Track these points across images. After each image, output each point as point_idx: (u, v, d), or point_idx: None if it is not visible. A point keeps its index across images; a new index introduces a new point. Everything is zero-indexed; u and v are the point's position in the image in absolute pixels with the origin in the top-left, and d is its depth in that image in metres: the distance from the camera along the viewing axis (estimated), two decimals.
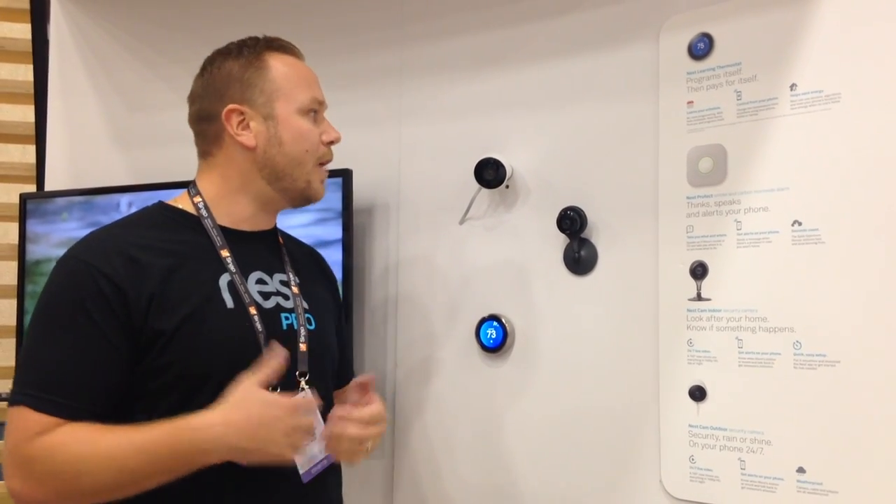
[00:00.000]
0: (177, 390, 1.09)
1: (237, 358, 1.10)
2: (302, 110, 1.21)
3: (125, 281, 1.08)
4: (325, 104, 1.26)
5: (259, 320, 1.15)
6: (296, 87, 1.22)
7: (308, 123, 1.22)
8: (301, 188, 1.23)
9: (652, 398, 1.41)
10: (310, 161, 1.22)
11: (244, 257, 1.20)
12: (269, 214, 1.27)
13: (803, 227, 1.29)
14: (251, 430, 1.04)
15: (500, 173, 1.54)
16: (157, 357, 1.08)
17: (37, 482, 1.03)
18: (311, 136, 1.22)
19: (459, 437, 1.62)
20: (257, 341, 1.14)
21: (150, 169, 1.97)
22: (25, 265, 1.95)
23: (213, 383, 1.08)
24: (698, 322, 1.37)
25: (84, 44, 2.14)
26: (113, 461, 1.02)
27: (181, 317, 1.10)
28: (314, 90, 1.25)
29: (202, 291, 1.14)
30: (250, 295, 1.17)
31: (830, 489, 1.25)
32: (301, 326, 1.20)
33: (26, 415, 1.03)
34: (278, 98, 1.20)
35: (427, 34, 1.72)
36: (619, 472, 1.45)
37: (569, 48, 1.55)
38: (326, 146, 1.24)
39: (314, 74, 1.27)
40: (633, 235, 1.45)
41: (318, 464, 1.16)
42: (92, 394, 1.06)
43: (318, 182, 1.24)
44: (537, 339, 1.54)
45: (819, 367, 1.26)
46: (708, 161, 1.38)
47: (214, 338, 1.11)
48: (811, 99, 1.29)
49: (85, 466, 1.01)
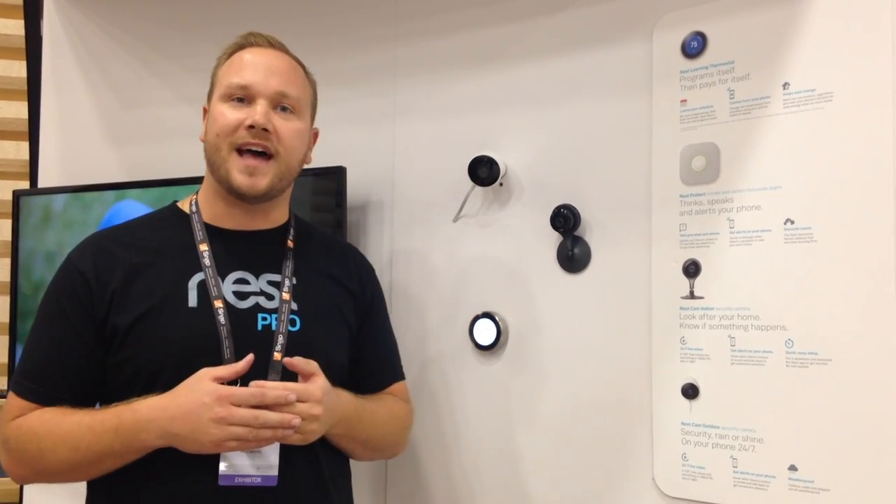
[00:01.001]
0: (136, 386, 1.13)
1: (190, 356, 1.11)
2: (222, 97, 1.20)
3: (94, 277, 1.15)
4: (251, 88, 1.17)
5: (226, 320, 1.15)
6: (225, 75, 1.21)
7: (224, 108, 1.18)
8: (223, 176, 1.18)
9: (645, 396, 1.42)
10: (223, 146, 1.17)
11: (226, 256, 1.21)
12: (243, 212, 1.23)
13: (796, 225, 1.29)
14: (180, 416, 1.06)
15: (493, 171, 1.54)
16: (116, 352, 1.14)
17: (14, 460, 1.14)
18: (220, 120, 1.17)
19: (452, 434, 1.62)
20: (218, 341, 1.13)
21: (144, 165, 1.97)
22: (19, 262, 1.94)
23: (164, 380, 1.10)
24: (691, 320, 1.38)
25: (77, 40, 2.14)
26: (67, 440, 1.09)
27: (137, 314, 1.14)
28: (241, 75, 1.19)
29: (166, 289, 1.16)
30: (221, 295, 1.17)
31: (822, 487, 1.25)
32: (280, 332, 1.17)
33: (11, 399, 1.15)
34: (214, 90, 1.23)
35: (421, 32, 1.72)
36: (612, 470, 1.45)
37: (562, 46, 1.55)
38: (247, 130, 1.16)
39: (264, 62, 1.20)
40: (627, 233, 1.46)
41: (248, 475, 1.12)
42: (63, 383, 1.14)
43: (237, 171, 1.16)
44: (531, 337, 1.55)
45: (811, 366, 1.27)
46: (701, 159, 1.38)
47: (166, 336, 1.13)
48: (804, 98, 1.30)
49: (45, 445, 1.10)
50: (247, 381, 1.09)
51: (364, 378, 1.32)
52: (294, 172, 1.25)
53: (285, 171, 1.21)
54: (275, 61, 1.22)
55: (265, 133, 1.17)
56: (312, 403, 1.10)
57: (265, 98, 1.18)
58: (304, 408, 1.09)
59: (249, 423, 1.05)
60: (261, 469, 1.12)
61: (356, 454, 1.30)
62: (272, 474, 1.12)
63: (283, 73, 1.22)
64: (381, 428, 1.31)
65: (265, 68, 1.20)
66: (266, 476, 1.12)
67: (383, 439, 1.33)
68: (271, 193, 1.21)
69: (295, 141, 1.21)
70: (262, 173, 1.18)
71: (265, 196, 1.20)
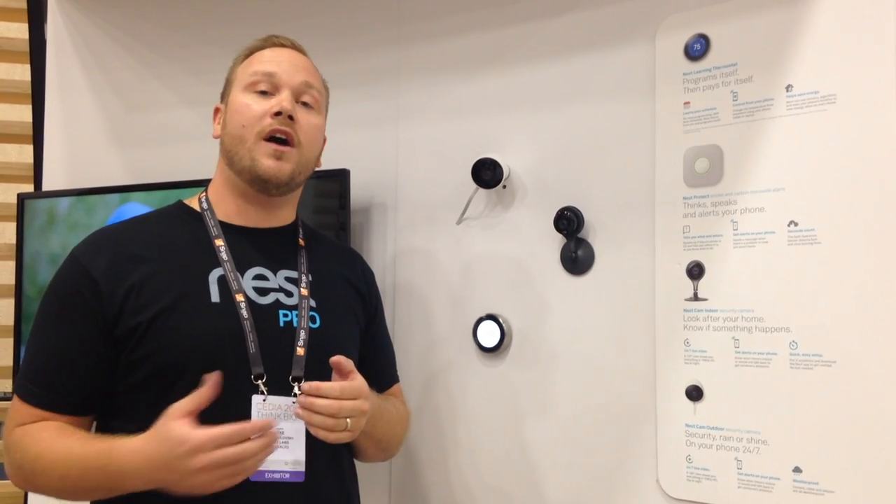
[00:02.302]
0: (155, 384, 1.10)
1: (215, 352, 1.10)
2: (246, 86, 1.20)
3: (103, 276, 1.12)
4: (277, 77, 1.19)
5: (249, 315, 1.14)
6: (247, 67, 1.22)
7: (248, 98, 1.19)
8: (247, 166, 1.17)
9: (649, 398, 1.42)
10: (249, 136, 1.17)
11: (243, 252, 1.20)
12: (257, 207, 1.23)
13: (799, 227, 1.29)
14: (161, 467, 1.00)
15: (497, 173, 1.54)
16: (133, 350, 1.11)
17: (14, 468, 1.12)
18: (247, 111, 1.18)
19: (457, 436, 1.62)
20: (243, 336, 1.13)
21: (148, 168, 1.97)
22: (23, 265, 1.95)
23: (188, 377, 1.07)
24: (695, 322, 1.38)
25: (81, 43, 2.14)
26: (57, 467, 1.07)
27: (157, 310, 1.11)
28: (263, 64, 1.20)
29: (186, 285, 1.14)
30: (242, 290, 1.16)
31: (826, 489, 1.25)
32: (302, 328, 1.18)
33: (16, 403, 1.12)
34: (233, 85, 1.23)
35: (425, 34, 1.72)
36: (616, 472, 1.45)
37: (566, 48, 1.55)
38: (273, 118, 1.16)
39: (287, 58, 1.22)
40: (630, 235, 1.46)
41: (277, 471, 1.11)
42: (69, 387, 1.11)
43: (264, 156, 1.16)
44: (534, 339, 1.55)
45: (815, 367, 1.27)
46: (704, 161, 1.39)
47: (190, 331, 1.11)
48: (807, 100, 1.30)
49: (38, 466, 1.08)
50: (272, 376, 1.10)
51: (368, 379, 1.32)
52: (310, 169, 1.25)
53: (304, 164, 1.22)
54: (297, 58, 1.25)
55: (290, 121, 1.18)
56: (364, 399, 1.10)
57: (289, 88, 1.19)
58: (358, 404, 1.09)
59: (234, 462, 0.99)
60: (289, 464, 1.12)
61: (368, 453, 1.30)
62: (300, 469, 1.12)
63: (306, 68, 1.25)
64: (394, 427, 1.32)
65: (289, 62, 1.22)
66: (294, 472, 1.12)
67: (393, 439, 1.33)
68: (292, 184, 1.22)
69: (314, 135, 1.23)
70: (287, 159, 1.18)
71: (287, 185, 1.20)
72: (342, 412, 1.07)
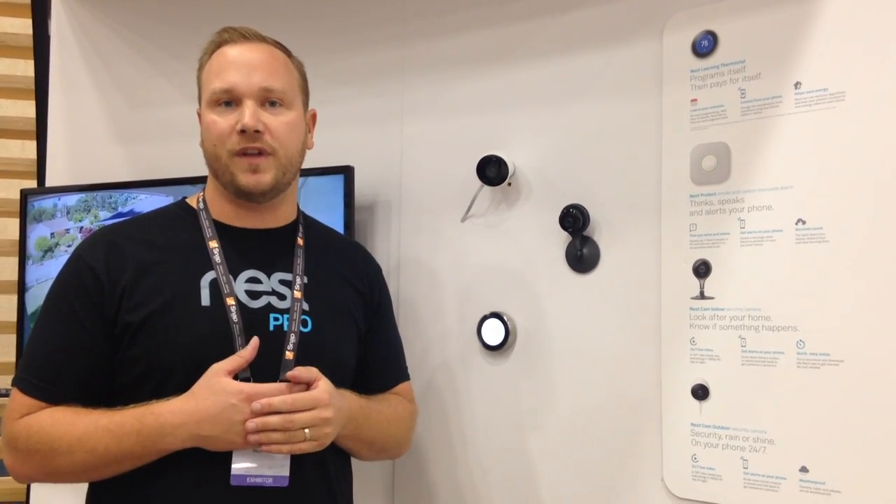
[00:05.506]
0: (147, 384, 1.12)
1: (204, 355, 1.11)
2: (209, 103, 1.18)
3: (105, 273, 1.14)
4: (235, 91, 1.16)
5: (239, 319, 1.14)
6: (208, 81, 1.20)
7: (214, 115, 1.17)
8: (228, 181, 1.18)
9: (654, 397, 1.41)
10: (222, 154, 1.16)
11: (237, 254, 1.20)
12: (251, 211, 1.23)
13: (807, 225, 1.28)
14: (209, 419, 1.06)
15: (502, 171, 1.53)
16: (126, 349, 1.13)
17: (21, 459, 1.12)
18: (214, 128, 1.16)
19: (460, 434, 1.62)
20: (231, 340, 1.13)
21: (151, 165, 1.97)
22: (26, 261, 1.94)
23: (177, 380, 1.10)
24: (701, 321, 1.37)
25: (85, 39, 2.14)
26: (84, 443, 1.07)
27: (148, 311, 1.12)
28: (222, 77, 1.16)
29: (178, 287, 1.15)
30: (234, 293, 1.16)
31: (833, 489, 1.24)
32: (292, 332, 1.17)
33: (16, 396, 1.13)
34: (202, 94, 1.23)
35: (429, 31, 1.72)
36: (621, 471, 1.44)
37: (572, 45, 1.54)
38: (239, 135, 1.15)
39: (243, 60, 1.18)
40: (636, 233, 1.45)
41: (259, 476, 1.11)
42: (71, 380, 1.13)
43: (241, 172, 1.16)
44: (539, 338, 1.54)
45: (822, 367, 1.26)
46: (711, 159, 1.38)
47: (179, 334, 1.12)
48: (815, 97, 1.29)
49: (59, 446, 1.08)
50: (259, 379, 1.10)
51: (370, 378, 1.32)
52: (296, 164, 1.23)
53: (287, 165, 1.20)
54: (254, 55, 1.19)
55: (258, 134, 1.15)
56: (322, 408, 1.11)
57: (251, 98, 1.16)
58: (314, 414, 1.10)
59: (281, 425, 1.07)
60: (273, 469, 1.11)
61: (362, 455, 1.30)
62: (284, 475, 1.12)
63: (265, 66, 1.18)
64: (388, 428, 1.30)
65: (246, 66, 1.17)
66: (277, 476, 1.12)
67: (389, 439, 1.32)
68: (278, 188, 1.20)
69: (289, 134, 1.20)
70: (264, 170, 1.17)
71: (272, 192, 1.19)
72: (294, 425, 1.08)
